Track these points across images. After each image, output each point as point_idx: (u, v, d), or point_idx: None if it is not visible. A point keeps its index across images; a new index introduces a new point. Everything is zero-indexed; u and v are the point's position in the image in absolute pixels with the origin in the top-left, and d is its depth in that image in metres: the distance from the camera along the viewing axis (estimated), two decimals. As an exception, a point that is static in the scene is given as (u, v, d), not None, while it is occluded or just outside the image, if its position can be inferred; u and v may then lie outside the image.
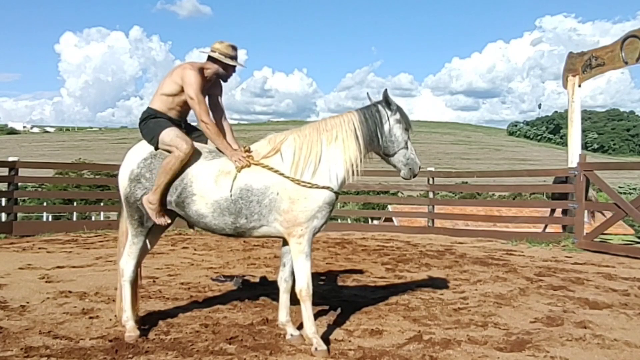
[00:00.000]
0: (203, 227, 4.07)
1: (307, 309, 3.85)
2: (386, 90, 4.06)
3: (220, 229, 3.98)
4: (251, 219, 3.87)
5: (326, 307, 4.97)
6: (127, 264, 4.21)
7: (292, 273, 4.11)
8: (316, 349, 3.72)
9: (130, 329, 4.07)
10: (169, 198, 4.02)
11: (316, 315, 4.71)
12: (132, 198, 4.10)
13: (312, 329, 3.83)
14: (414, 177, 4.14)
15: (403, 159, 4.07)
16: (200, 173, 3.97)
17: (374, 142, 4.04)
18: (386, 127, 4.04)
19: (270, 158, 3.94)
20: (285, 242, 4.11)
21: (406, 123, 4.09)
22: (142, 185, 4.06)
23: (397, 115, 4.06)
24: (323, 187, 3.84)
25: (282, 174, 3.85)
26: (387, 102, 4.05)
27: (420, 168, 4.18)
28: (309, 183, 3.83)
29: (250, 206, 3.85)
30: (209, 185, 3.92)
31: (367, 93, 4.21)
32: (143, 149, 4.21)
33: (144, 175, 4.07)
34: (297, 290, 3.87)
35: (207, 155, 4.08)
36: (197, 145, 4.16)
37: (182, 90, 4.13)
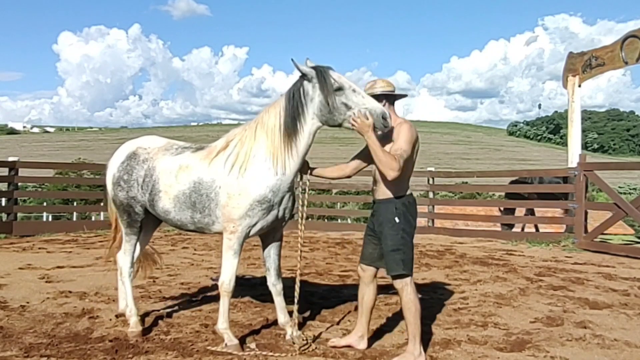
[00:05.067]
0: (171, 224, 4.14)
1: (223, 304, 3.87)
2: (292, 59, 3.61)
3: (184, 224, 4.03)
4: (204, 213, 3.90)
5: (326, 307, 4.97)
6: (123, 261, 4.36)
7: (279, 275, 4.11)
8: (226, 344, 3.77)
9: (134, 324, 4.11)
10: (143, 197, 4.12)
11: (316, 315, 4.72)
12: (117, 201, 4.24)
13: (224, 324, 3.86)
14: (389, 124, 3.50)
15: (359, 120, 3.51)
16: (165, 169, 4.04)
17: (310, 125, 3.67)
18: (314, 103, 3.64)
19: (221, 154, 3.91)
20: (265, 247, 4.13)
21: (331, 84, 3.55)
22: (122, 187, 4.18)
23: (317, 83, 3.60)
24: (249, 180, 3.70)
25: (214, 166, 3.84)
26: (300, 71, 3.62)
27: (386, 112, 3.50)
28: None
29: (202, 200, 3.87)
30: (171, 181, 3.98)
31: (292, 59, 3.64)
32: (121, 152, 4.32)
33: (123, 177, 4.18)
34: (219, 283, 3.89)
35: (174, 151, 4.16)
36: (170, 142, 4.29)
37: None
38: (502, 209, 11.76)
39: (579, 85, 10.29)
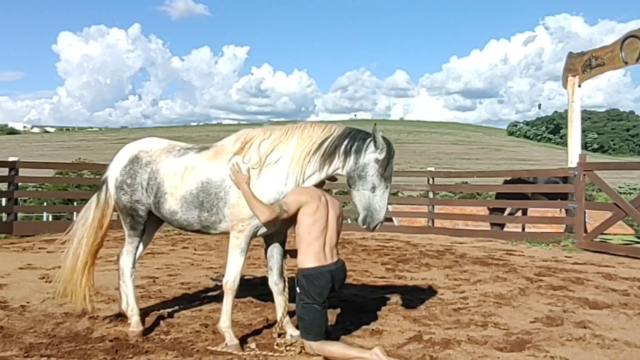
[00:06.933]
0: (177, 226, 4.16)
1: (227, 303, 3.88)
2: (375, 125, 3.83)
3: (190, 224, 4.05)
4: (211, 212, 3.92)
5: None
6: (125, 261, 4.37)
7: (281, 275, 4.13)
8: (227, 344, 3.78)
9: (135, 324, 4.12)
10: (147, 200, 4.13)
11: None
12: (121, 204, 4.25)
13: (226, 322, 3.87)
14: (372, 229, 3.77)
15: (364, 201, 3.75)
16: (169, 171, 4.06)
17: (338, 164, 3.79)
18: (362, 158, 3.75)
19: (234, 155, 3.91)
20: (268, 247, 4.17)
21: (385, 168, 3.74)
22: (125, 191, 4.20)
23: (380, 155, 3.74)
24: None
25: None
26: (374, 138, 3.74)
27: (380, 224, 3.77)
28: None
29: (210, 199, 3.90)
30: (177, 182, 4.00)
31: (375, 125, 3.87)
32: (123, 156, 4.32)
33: (126, 181, 4.20)
34: (223, 282, 3.90)
35: (177, 153, 4.17)
36: (171, 143, 4.32)
37: None
38: (490, 208, 11.82)
39: (579, 85, 10.29)
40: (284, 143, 3.86)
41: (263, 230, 3.89)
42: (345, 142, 3.80)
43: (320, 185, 3.95)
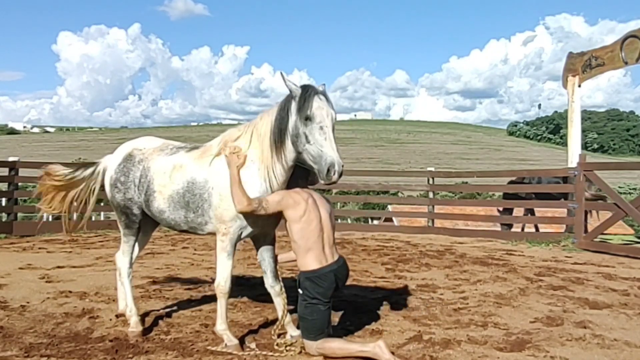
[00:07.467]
0: (165, 225, 4.17)
1: (221, 306, 3.88)
2: (281, 73, 3.56)
3: (177, 224, 4.04)
4: (197, 213, 3.91)
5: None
6: (122, 261, 4.39)
7: (276, 277, 4.10)
8: (226, 344, 3.78)
9: (134, 324, 4.13)
10: (139, 198, 4.14)
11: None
12: (115, 202, 4.27)
13: (222, 325, 3.87)
14: (332, 179, 3.31)
15: (309, 157, 3.43)
16: (159, 169, 4.07)
17: (287, 143, 3.55)
18: (291, 120, 3.52)
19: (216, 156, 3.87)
20: (258, 250, 4.16)
21: (300, 109, 3.41)
22: (119, 189, 4.21)
23: (297, 102, 3.47)
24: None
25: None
26: (288, 87, 3.49)
27: (337, 167, 3.27)
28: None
29: (195, 199, 3.88)
30: (165, 181, 4.00)
31: (281, 73, 3.62)
32: (118, 154, 4.34)
33: (119, 179, 4.21)
34: (215, 285, 3.89)
35: (169, 151, 4.18)
36: (165, 142, 4.32)
37: None
38: (500, 209, 11.84)
39: (579, 85, 10.30)
40: (250, 146, 3.75)
41: (248, 231, 3.84)
42: (278, 123, 3.58)
43: (304, 182, 3.83)
